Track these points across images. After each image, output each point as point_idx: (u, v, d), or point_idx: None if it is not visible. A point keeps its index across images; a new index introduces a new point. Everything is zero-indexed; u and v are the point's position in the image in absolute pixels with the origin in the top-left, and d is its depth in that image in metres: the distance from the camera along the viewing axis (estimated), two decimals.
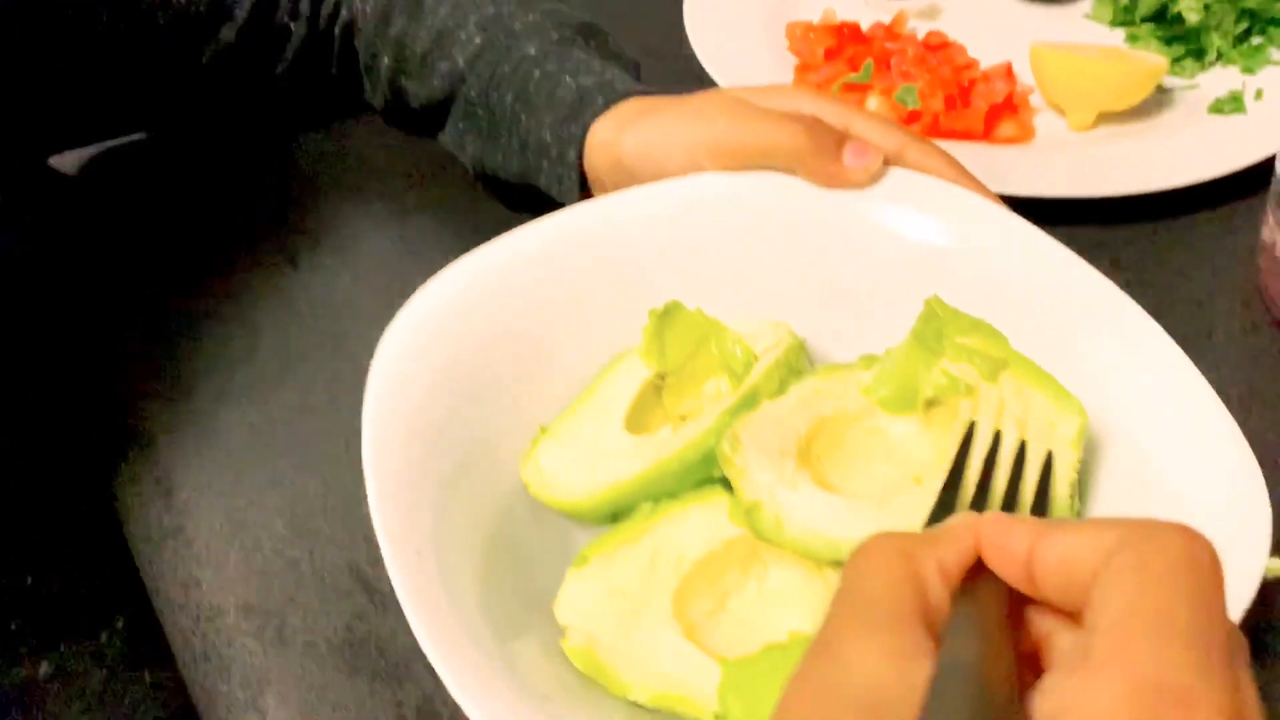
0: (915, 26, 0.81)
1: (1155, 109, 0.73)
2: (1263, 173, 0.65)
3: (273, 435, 0.60)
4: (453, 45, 0.66)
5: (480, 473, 0.50)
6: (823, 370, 0.50)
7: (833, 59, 0.76)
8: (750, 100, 0.57)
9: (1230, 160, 0.68)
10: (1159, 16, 0.78)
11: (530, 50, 0.64)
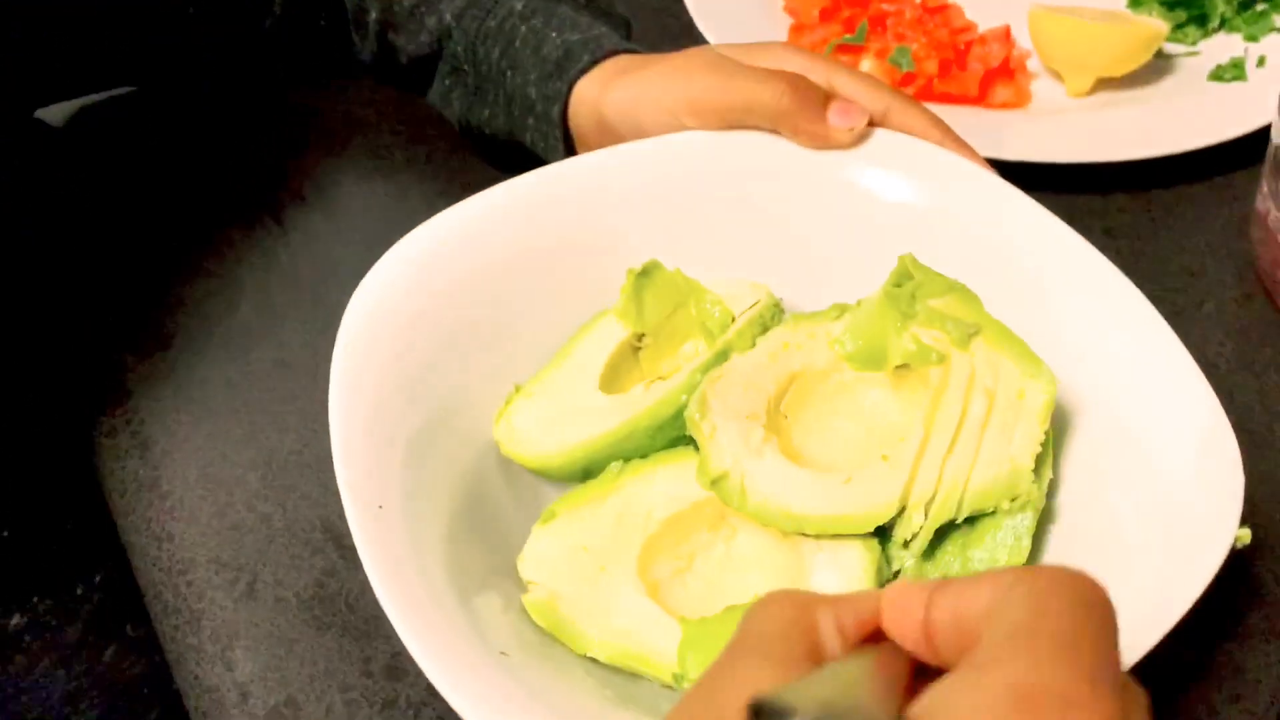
0: None
1: (1155, 75, 0.72)
2: (1261, 141, 0.64)
3: (250, 390, 0.59)
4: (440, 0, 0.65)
5: (453, 430, 0.49)
6: (792, 321, 0.49)
7: (828, 20, 0.75)
8: (734, 58, 0.56)
9: (1228, 128, 0.66)
10: None
11: (517, 5, 0.63)
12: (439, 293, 0.51)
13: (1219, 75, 0.71)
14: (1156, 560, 0.41)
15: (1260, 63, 0.71)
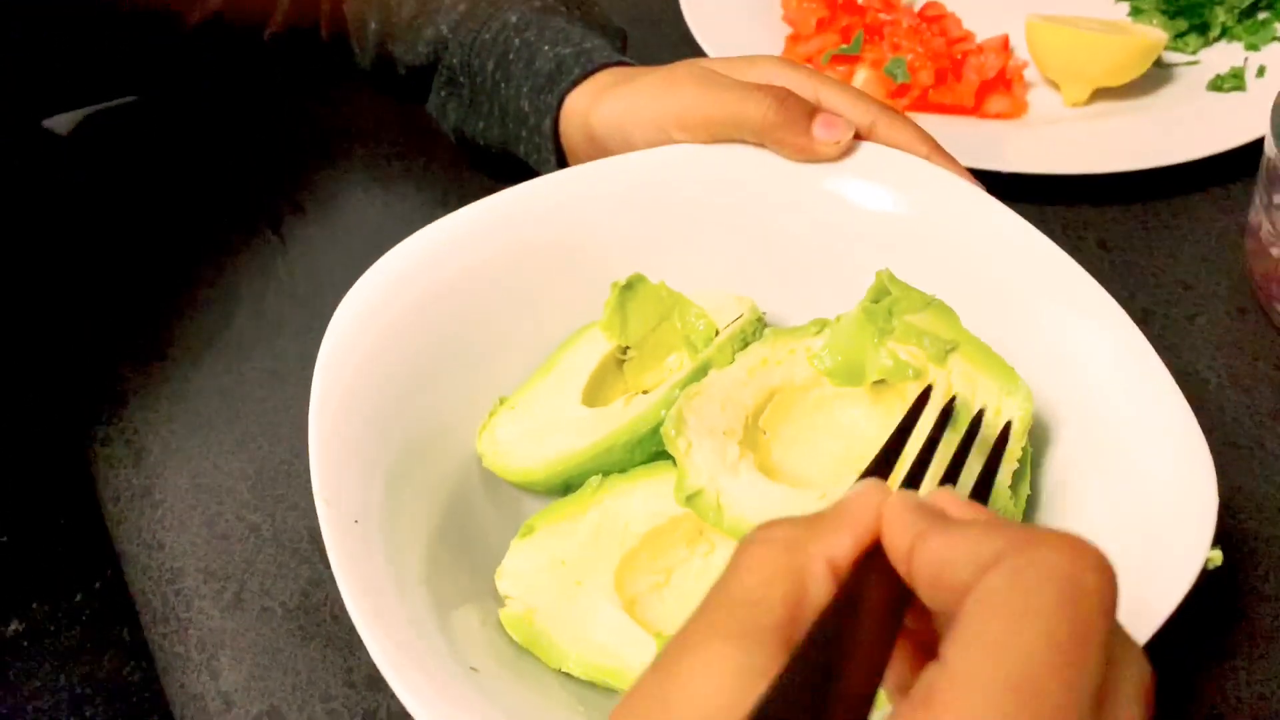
0: None
1: (1153, 85, 0.72)
2: (1259, 152, 0.63)
3: (243, 400, 0.60)
4: (437, 11, 0.65)
5: (436, 443, 0.50)
6: (771, 336, 0.49)
7: (824, 29, 0.75)
8: (721, 71, 0.56)
9: (1225, 139, 0.66)
10: None
11: (511, 18, 0.63)
12: (423, 306, 0.51)
13: (1218, 85, 0.70)
14: (1129, 580, 0.40)
15: (1260, 72, 0.71)
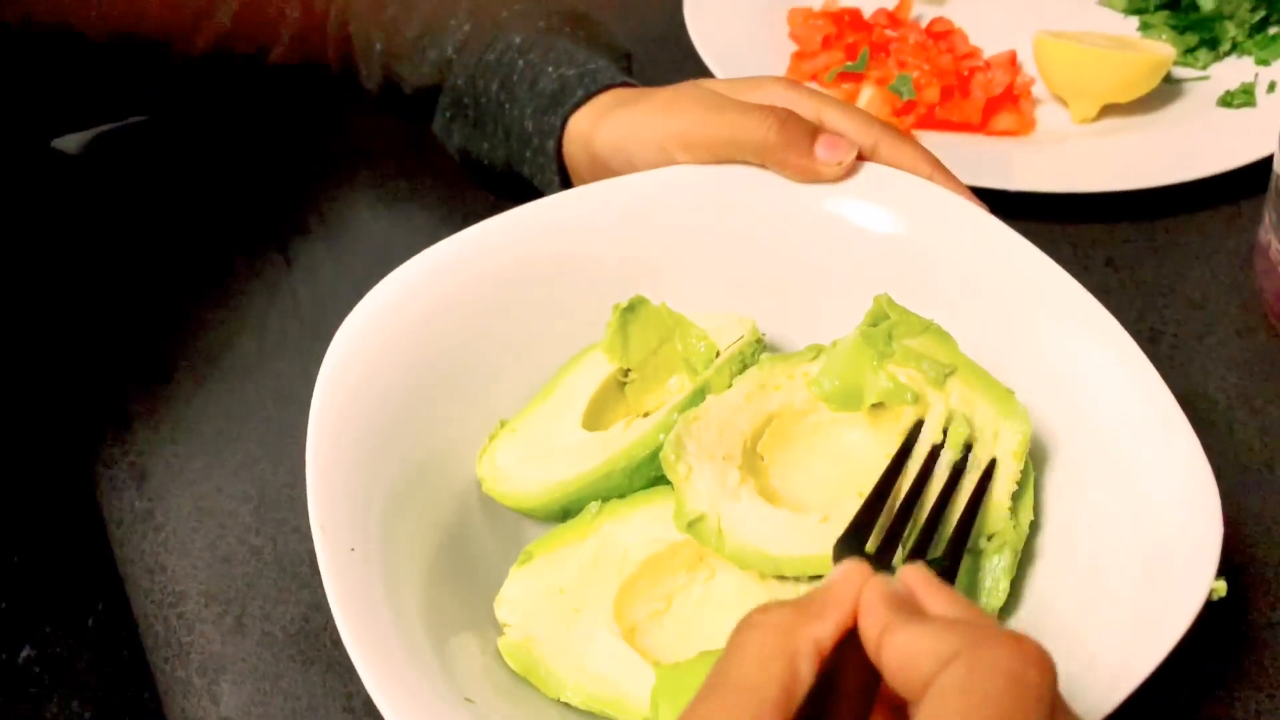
0: (921, 13, 0.79)
1: (1162, 101, 0.71)
2: (1268, 170, 0.63)
3: (246, 422, 0.60)
4: (442, 32, 0.65)
5: (437, 468, 0.49)
6: (768, 362, 0.49)
7: (830, 47, 0.74)
8: (723, 92, 0.56)
9: (1235, 156, 0.65)
10: (1173, 4, 0.75)
11: (516, 39, 0.63)
12: (424, 328, 0.51)
13: (1228, 101, 0.70)
14: (1132, 611, 0.40)
15: (1271, 88, 0.70)
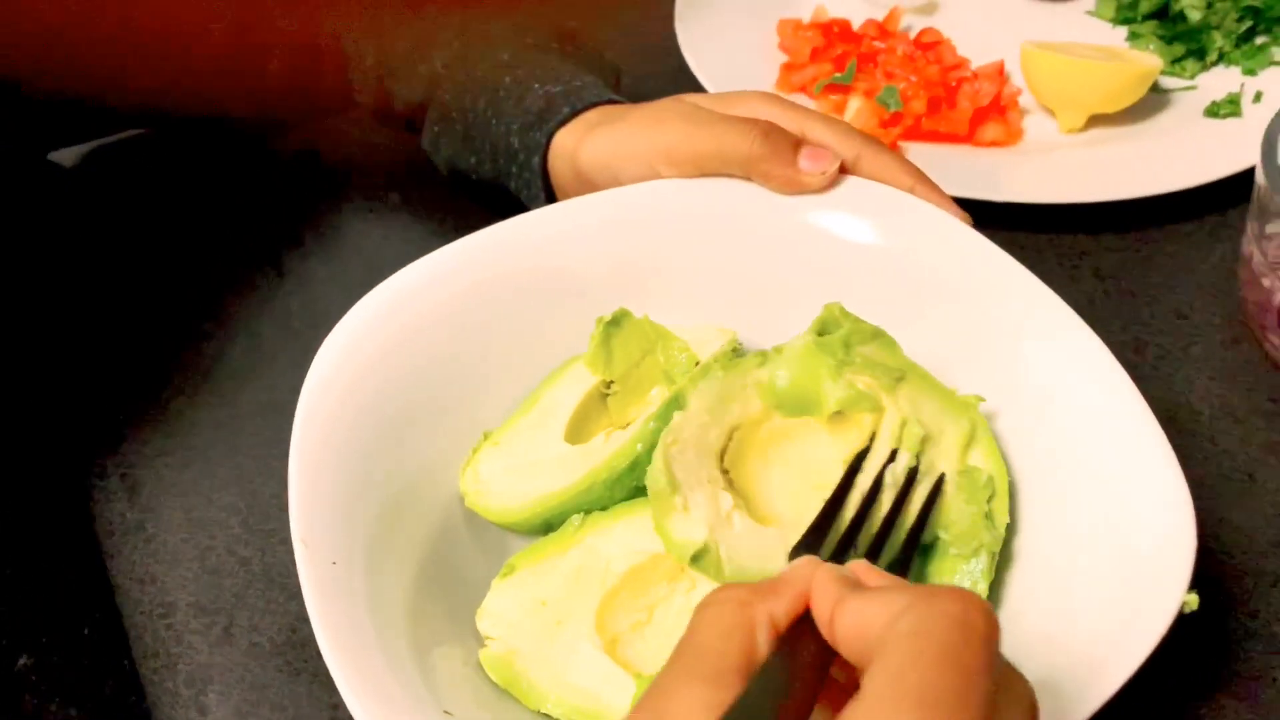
0: (911, 24, 0.79)
1: (1149, 111, 0.71)
2: (1253, 180, 0.63)
3: (237, 434, 0.61)
4: (431, 47, 0.66)
5: (420, 481, 0.50)
6: (719, 371, 0.48)
7: (819, 58, 0.75)
8: (707, 106, 0.57)
9: (1219, 167, 0.66)
10: (1161, 14, 0.76)
11: (504, 55, 0.64)
12: (407, 342, 0.51)
13: (1214, 111, 0.70)
14: (1105, 622, 0.40)
15: (1257, 98, 0.70)
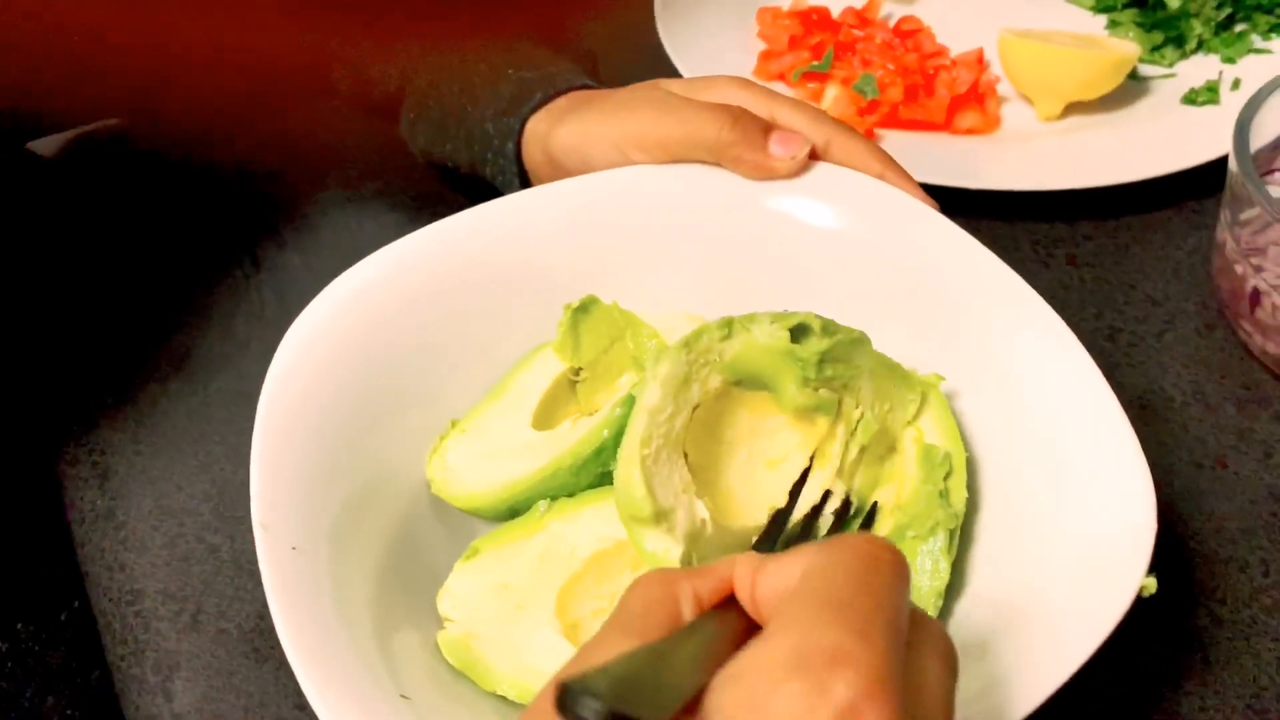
0: (890, 12, 0.79)
1: (1127, 99, 0.71)
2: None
3: (208, 422, 0.61)
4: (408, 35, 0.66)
5: (386, 468, 0.50)
6: (679, 349, 0.46)
7: (797, 46, 0.74)
8: (678, 92, 0.56)
9: (1196, 154, 0.65)
10: (1140, 2, 0.75)
11: (477, 42, 0.64)
12: (374, 329, 0.51)
13: (1192, 99, 0.70)
14: (1065, 604, 0.40)
15: (1235, 85, 0.70)
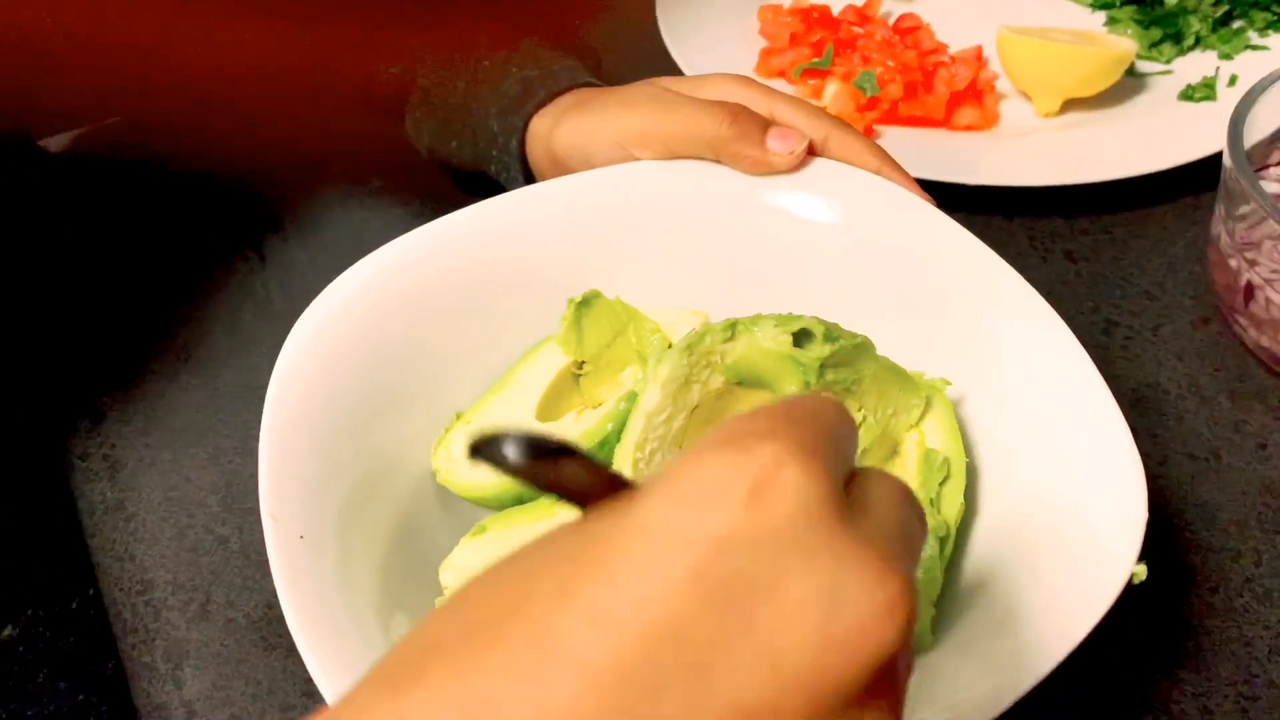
0: (890, 9, 0.80)
1: (1125, 95, 0.72)
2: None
3: (217, 414, 0.61)
4: (413, 32, 0.66)
5: (392, 459, 0.51)
6: (682, 351, 0.46)
7: (798, 43, 0.75)
8: (678, 90, 0.57)
9: (1192, 150, 0.66)
10: None
11: (481, 40, 0.64)
12: (380, 323, 0.52)
13: (1189, 95, 0.70)
14: (1057, 592, 0.41)
15: (1232, 82, 0.71)
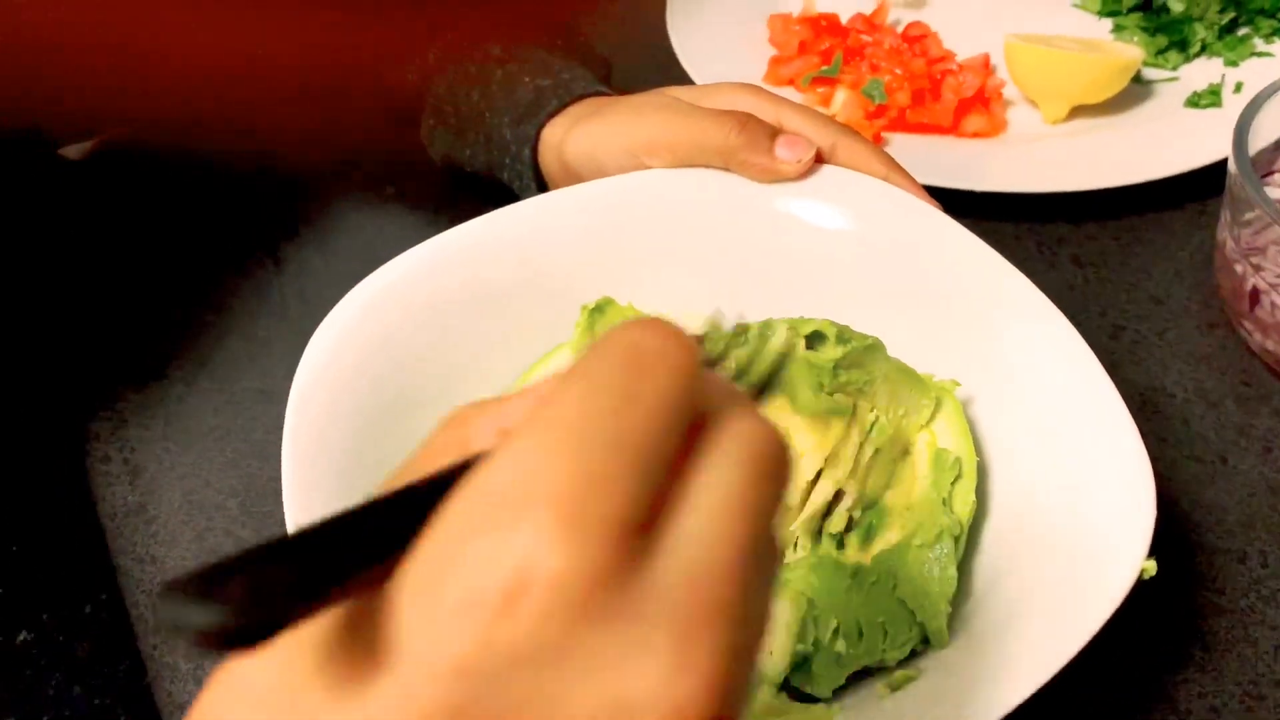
0: (899, 17, 0.80)
1: (1131, 102, 0.72)
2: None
3: (235, 419, 0.62)
4: (426, 40, 0.67)
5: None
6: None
7: (806, 52, 0.76)
8: (688, 99, 0.58)
9: (1198, 156, 0.67)
10: (1144, 6, 0.77)
11: (495, 50, 0.65)
12: (398, 331, 0.53)
13: (1195, 101, 0.71)
14: (1066, 589, 0.42)
15: (1237, 88, 0.71)
